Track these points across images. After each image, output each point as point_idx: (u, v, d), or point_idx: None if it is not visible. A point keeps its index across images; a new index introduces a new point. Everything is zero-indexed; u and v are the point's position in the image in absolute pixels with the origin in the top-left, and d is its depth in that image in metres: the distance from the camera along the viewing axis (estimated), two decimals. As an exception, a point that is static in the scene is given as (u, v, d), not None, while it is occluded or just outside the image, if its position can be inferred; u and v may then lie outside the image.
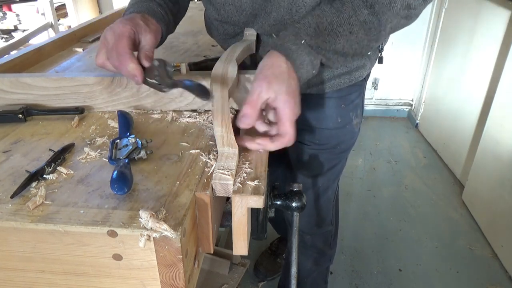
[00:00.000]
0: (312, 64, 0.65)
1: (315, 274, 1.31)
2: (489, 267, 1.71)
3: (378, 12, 0.62)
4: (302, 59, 0.63)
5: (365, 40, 0.65)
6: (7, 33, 3.76)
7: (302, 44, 0.63)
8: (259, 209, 0.58)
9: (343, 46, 0.65)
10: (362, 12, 0.63)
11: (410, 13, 0.65)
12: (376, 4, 0.62)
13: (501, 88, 1.77)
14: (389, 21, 0.64)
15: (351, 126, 0.97)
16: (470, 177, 2.02)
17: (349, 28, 0.63)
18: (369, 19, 0.63)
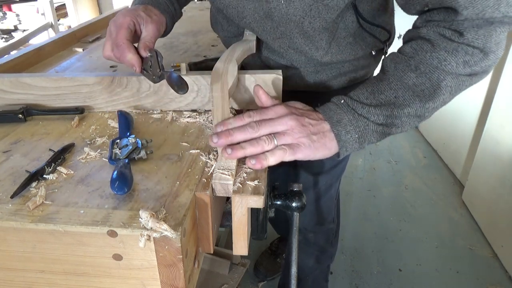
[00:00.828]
0: (352, 124, 0.61)
1: (317, 272, 1.32)
2: (489, 267, 1.71)
3: (425, 72, 0.61)
4: (340, 117, 0.61)
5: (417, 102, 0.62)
6: (7, 33, 3.77)
7: (341, 103, 0.62)
8: (259, 209, 0.58)
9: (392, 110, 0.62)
10: (409, 75, 0.61)
11: (472, 70, 0.62)
12: (420, 65, 0.61)
13: (501, 88, 1.77)
14: (442, 79, 0.60)
15: None
16: (470, 177, 2.02)
17: (394, 93, 0.62)
18: (418, 82, 0.61)
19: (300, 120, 0.59)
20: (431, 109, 0.63)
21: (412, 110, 0.62)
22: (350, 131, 0.61)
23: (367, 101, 0.62)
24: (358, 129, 0.61)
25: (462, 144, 2.20)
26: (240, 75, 0.72)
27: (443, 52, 0.59)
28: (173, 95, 0.75)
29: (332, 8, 0.69)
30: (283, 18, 0.71)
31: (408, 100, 0.62)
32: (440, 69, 0.60)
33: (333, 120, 0.61)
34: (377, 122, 0.62)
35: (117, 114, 0.70)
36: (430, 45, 0.61)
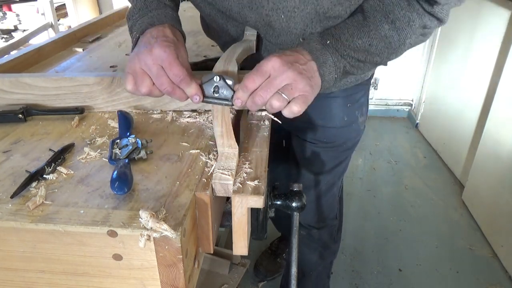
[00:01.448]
0: (335, 66, 0.65)
1: (320, 268, 1.35)
2: (489, 267, 1.71)
3: (398, 27, 0.65)
4: (325, 58, 0.64)
5: (385, 53, 0.68)
6: (7, 33, 3.76)
7: (327, 44, 0.65)
8: (259, 209, 0.58)
9: (365, 56, 0.67)
10: (383, 27, 0.65)
11: (425, 31, 0.69)
12: (397, 20, 0.65)
13: (501, 88, 1.77)
14: (408, 37, 0.67)
15: (357, 124, 1.00)
16: (470, 177, 2.01)
17: (369, 41, 0.66)
18: (390, 34, 0.66)
19: (296, 69, 0.59)
20: (391, 59, 0.70)
21: (379, 59, 0.68)
22: (331, 72, 0.65)
23: (347, 42, 0.65)
24: (339, 70, 0.66)
25: (462, 144, 2.19)
26: (240, 75, 0.72)
27: (415, 14, 0.65)
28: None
29: (335, 18, 0.70)
30: (283, 30, 0.72)
31: (380, 50, 0.67)
32: (410, 28, 0.66)
33: (319, 61, 0.63)
34: (351, 64, 0.67)
35: (117, 114, 0.70)
36: (407, 3, 0.65)
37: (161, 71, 0.59)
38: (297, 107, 0.59)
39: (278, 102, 0.58)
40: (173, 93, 0.59)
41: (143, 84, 0.60)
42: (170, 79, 0.59)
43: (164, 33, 0.63)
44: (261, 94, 0.58)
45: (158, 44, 0.59)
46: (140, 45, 0.63)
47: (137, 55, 0.60)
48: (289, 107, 0.59)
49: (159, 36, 0.62)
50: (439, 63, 2.55)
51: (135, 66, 0.60)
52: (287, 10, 0.68)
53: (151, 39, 0.61)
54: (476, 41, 2.11)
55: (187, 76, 0.58)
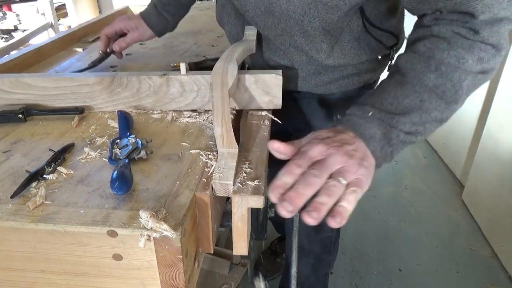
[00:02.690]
0: (386, 138, 0.56)
1: (312, 280, 1.28)
2: (489, 267, 1.71)
3: (446, 73, 0.57)
4: (373, 133, 0.55)
5: (442, 104, 0.58)
6: (7, 33, 3.76)
7: (369, 116, 0.57)
8: (259, 209, 0.58)
9: (420, 116, 0.58)
10: (429, 77, 0.58)
11: (484, 67, 0.59)
12: (442, 65, 0.57)
13: (501, 88, 1.77)
14: (463, 79, 0.58)
15: None
16: (470, 177, 2.01)
17: (419, 97, 0.58)
18: (439, 82, 0.58)
19: (345, 152, 0.51)
20: (454, 111, 0.60)
21: (438, 114, 0.59)
22: (384, 146, 0.56)
23: (392, 107, 0.58)
24: (391, 141, 0.57)
25: (462, 144, 2.19)
26: (240, 75, 0.72)
27: (461, 50, 0.57)
28: (173, 95, 0.75)
29: (332, 8, 0.69)
30: (283, 14, 0.71)
31: (435, 103, 0.58)
32: (461, 69, 0.57)
33: (366, 137, 0.55)
34: (405, 131, 0.58)
35: (117, 114, 0.70)
36: (446, 43, 0.58)
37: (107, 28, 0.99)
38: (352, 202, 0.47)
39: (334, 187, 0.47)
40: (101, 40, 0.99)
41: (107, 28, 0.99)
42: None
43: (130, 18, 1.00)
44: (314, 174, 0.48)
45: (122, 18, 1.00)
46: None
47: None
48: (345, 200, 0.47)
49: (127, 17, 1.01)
50: (439, 63, 2.55)
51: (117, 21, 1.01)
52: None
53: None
54: (476, 41, 2.11)
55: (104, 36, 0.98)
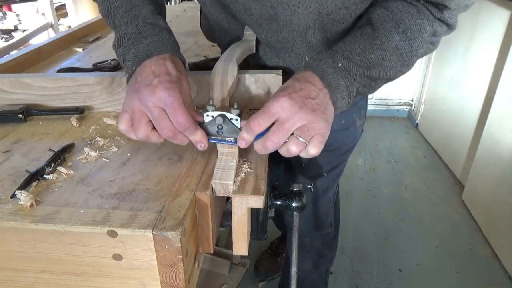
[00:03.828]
0: (348, 90, 0.60)
1: (314, 276, 1.31)
2: (489, 267, 1.71)
3: (410, 37, 0.62)
4: (338, 83, 0.59)
5: (398, 66, 0.63)
6: (7, 33, 3.76)
7: (339, 67, 0.60)
8: (259, 209, 0.58)
9: (379, 72, 0.62)
10: (394, 38, 0.62)
11: (434, 40, 0.66)
12: (408, 30, 0.61)
13: (501, 88, 1.77)
14: (420, 47, 0.63)
15: (354, 128, 0.96)
16: (470, 177, 2.01)
17: (382, 55, 0.61)
18: (401, 45, 0.62)
19: (309, 106, 0.55)
20: (403, 74, 0.65)
21: (392, 73, 0.63)
22: (344, 97, 0.60)
23: (359, 59, 0.61)
24: (351, 93, 0.61)
25: (462, 144, 2.20)
26: (240, 75, 0.72)
27: (426, 21, 0.62)
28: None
29: (338, 21, 0.69)
30: (287, 25, 0.71)
31: (393, 64, 0.62)
32: (421, 37, 0.62)
33: (332, 87, 0.58)
34: (363, 84, 0.62)
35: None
36: (416, 11, 0.62)
37: (163, 114, 0.54)
38: (314, 149, 0.55)
39: (296, 147, 0.54)
40: (175, 138, 0.55)
41: (141, 127, 0.55)
42: (172, 124, 0.54)
43: (166, 69, 0.57)
44: (272, 139, 0.54)
45: (162, 86, 0.54)
46: (139, 81, 0.57)
47: (137, 94, 0.55)
48: (306, 151, 0.55)
49: (161, 73, 0.56)
50: (439, 63, 2.55)
51: (134, 105, 0.55)
52: (291, 4, 0.66)
53: (152, 77, 0.56)
54: (476, 41, 2.11)
55: (192, 124, 0.54)
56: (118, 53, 0.64)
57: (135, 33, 0.61)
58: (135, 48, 0.60)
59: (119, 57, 0.63)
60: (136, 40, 0.61)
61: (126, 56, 0.61)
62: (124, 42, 0.62)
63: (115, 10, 0.65)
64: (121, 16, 0.64)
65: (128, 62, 0.60)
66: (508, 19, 1.83)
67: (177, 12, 1.66)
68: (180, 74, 0.58)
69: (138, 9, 0.64)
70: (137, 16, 0.63)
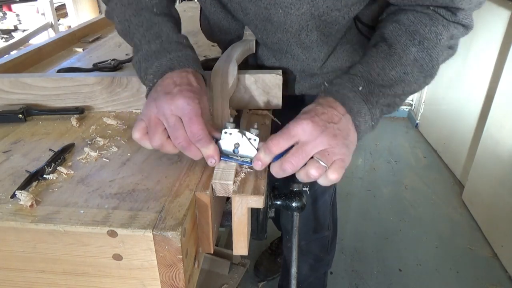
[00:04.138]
0: (370, 113, 0.59)
1: (311, 280, 1.29)
2: (489, 267, 1.71)
3: (427, 47, 0.61)
4: (360, 107, 0.58)
5: (421, 78, 0.62)
6: (7, 33, 3.76)
7: (359, 91, 0.59)
8: (259, 209, 0.58)
9: (402, 88, 0.61)
10: (411, 50, 0.61)
11: (452, 43, 0.64)
12: (424, 40, 0.61)
13: (501, 88, 1.77)
14: (440, 54, 0.62)
15: None
16: (470, 177, 2.02)
17: (403, 69, 0.60)
18: (420, 56, 0.61)
19: (331, 131, 0.54)
20: (427, 84, 0.64)
21: (416, 86, 0.62)
22: (367, 121, 0.59)
23: (379, 78, 0.60)
24: (375, 116, 0.59)
25: (462, 144, 2.20)
26: (240, 75, 0.72)
27: (440, 27, 0.61)
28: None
29: (330, 23, 0.68)
30: (280, 26, 0.71)
31: (416, 76, 0.61)
32: (439, 45, 0.61)
33: (353, 112, 0.57)
34: (387, 103, 0.61)
35: None
36: (429, 19, 0.61)
37: (179, 124, 0.53)
38: (334, 175, 0.53)
39: (316, 171, 0.53)
40: (188, 149, 0.54)
41: (156, 135, 0.54)
42: (187, 134, 0.53)
43: (188, 80, 0.56)
44: (291, 161, 0.52)
45: (182, 94, 0.53)
46: (159, 90, 0.56)
47: (155, 102, 0.54)
48: (325, 175, 0.54)
49: (182, 83, 0.55)
50: (439, 63, 2.55)
51: (150, 113, 0.54)
52: (284, 6, 0.65)
53: (173, 86, 0.55)
54: (476, 41, 2.11)
55: (206, 136, 0.53)
56: (141, 68, 0.62)
57: (159, 50, 0.61)
58: (159, 62, 0.60)
59: (141, 72, 0.62)
60: (159, 55, 0.60)
61: (149, 70, 0.60)
62: (148, 58, 0.61)
63: (134, 29, 0.65)
64: (142, 35, 0.64)
65: (150, 76, 0.59)
66: (508, 19, 1.83)
67: (177, 12, 1.66)
68: (201, 89, 0.57)
69: (159, 27, 0.64)
70: (160, 34, 0.63)
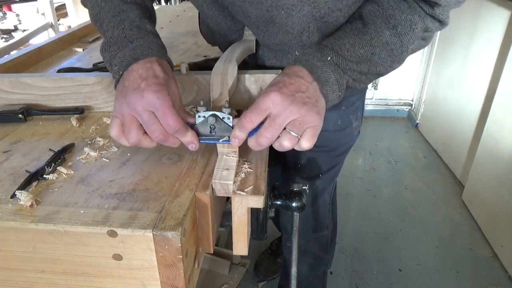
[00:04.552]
0: (338, 83, 0.61)
1: (310, 279, 1.29)
2: (489, 267, 1.71)
3: (400, 33, 0.62)
4: (328, 76, 0.60)
5: (388, 61, 0.64)
6: (7, 33, 3.76)
7: (328, 61, 0.60)
8: (259, 209, 0.58)
9: (368, 67, 0.63)
10: (384, 33, 0.62)
11: (426, 36, 0.66)
12: (399, 25, 0.61)
13: (501, 88, 1.77)
14: (411, 42, 0.63)
15: (351, 129, 0.95)
16: (470, 177, 2.02)
17: (371, 50, 0.62)
18: (392, 41, 0.62)
19: (300, 100, 0.56)
20: (394, 69, 0.65)
21: (382, 69, 0.64)
22: (335, 90, 0.61)
23: (348, 54, 0.61)
24: (342, 86, 0.62)
25: (462, 144, 2.20)
26: (240, 75, 0.72)
27: (417, 16, 0.61)
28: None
29: (332, 24, 0.69)
30: (282, 27, 0.71)
31: (383, 59, 0.63)
32: (412, 33, 0.62)
33: (321, 80, 0.59)
34: (353, 78, 0.63)
35: None
36: (407, 6, 0.62)
37: (153, 118, 0.54)
38: (307, 143, 0.56)
39: (289, 142, 0.55)
40: (166, 141, 0.55)
41: (132, 132, 0.55)
42: (162, 127, 0.54)
43: (153, 72, 0.57)
44: (265, 135, 0.54)
45: (150, 89, 0.54)
46: (126, 85, 0.56)
47: (125, 99, 0.55)
48: (298, 145, 0.56)
49: (148, 76, 0.56)
50: (439, 63, 2.56)
51: (123, 110, 0.55)
52: (286, 7, 0.66)
53: (140, 81, 0.56)
54: (476, 41, 2.11)
55: (182, 126, 0.54)
56: (104, 58, 0.63)
57: (121, 37, 0.61)
58: (122, 52, 0.60)
59: (106, 62, 0.63)
60: (122, 44, 0.60)
61: (113, 61, 0.60)
62: (110, 47, 0.61)
63: (103, 15, 0.65)
64: (109, 21, 0.64)
65: (115, 67, 0.60)
66: (508, 19, 1.83)
67: (177, 12, 1.66)
68: (168, 77, 0.58)
69: (126, 14, 0.64)
70: (124, 20, 0.63)
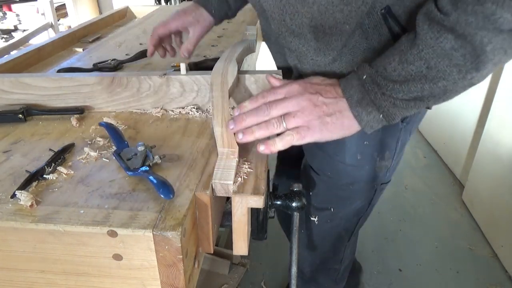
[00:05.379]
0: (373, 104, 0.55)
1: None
2: (489, 267, 1.71)
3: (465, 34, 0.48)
4: (361, 96, 0.56)
5: (453, 73, 0.51)
6: (7, 33, 3.77)
7: (363, 79, 0.56)
8: (259, 209, 0.58)
9: (422, 86, 0.53)
10: (447, 37, 0.49)
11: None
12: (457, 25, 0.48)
13: (501, 88, 1.77)
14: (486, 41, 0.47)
15: (372, 168, 0.82)
16: (470, 177, 2.01)
17: (426, 63, 0.52)
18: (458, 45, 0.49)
19: (312, 100, 0.55)
20: (476, 79, 0.52)
21: (449, 83, 0.52)
22: (371, 112, 0.55)
23: (394, 73, 0.54)
24: (382, 109, 0.55)
25: (462, 144, 2.19)
26: (240, 75, 0.72)
27: (490, 4, 0.45)
28: (173, 95, 0.75)
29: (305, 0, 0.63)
30: (268, 14, 0.68)
31: (443, 72, 0.51)
32: (488, 26, 0.46)
33: (352, 100, 0.55)
34: (406, 99, 0.55)
35: (104, 127, 0.66)
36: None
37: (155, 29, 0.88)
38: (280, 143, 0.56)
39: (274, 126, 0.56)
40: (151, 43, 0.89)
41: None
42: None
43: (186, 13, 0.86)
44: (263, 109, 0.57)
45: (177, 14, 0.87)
46: None
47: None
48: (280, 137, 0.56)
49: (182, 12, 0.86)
50: (439, 63, 2.55)
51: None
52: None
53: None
54: (476, 41, 2.11)
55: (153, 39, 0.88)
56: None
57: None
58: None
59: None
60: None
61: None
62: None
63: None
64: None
65: None
66: (508, 19, 1.82)
67: (177, 12, 1.66)
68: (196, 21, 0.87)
69: None
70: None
